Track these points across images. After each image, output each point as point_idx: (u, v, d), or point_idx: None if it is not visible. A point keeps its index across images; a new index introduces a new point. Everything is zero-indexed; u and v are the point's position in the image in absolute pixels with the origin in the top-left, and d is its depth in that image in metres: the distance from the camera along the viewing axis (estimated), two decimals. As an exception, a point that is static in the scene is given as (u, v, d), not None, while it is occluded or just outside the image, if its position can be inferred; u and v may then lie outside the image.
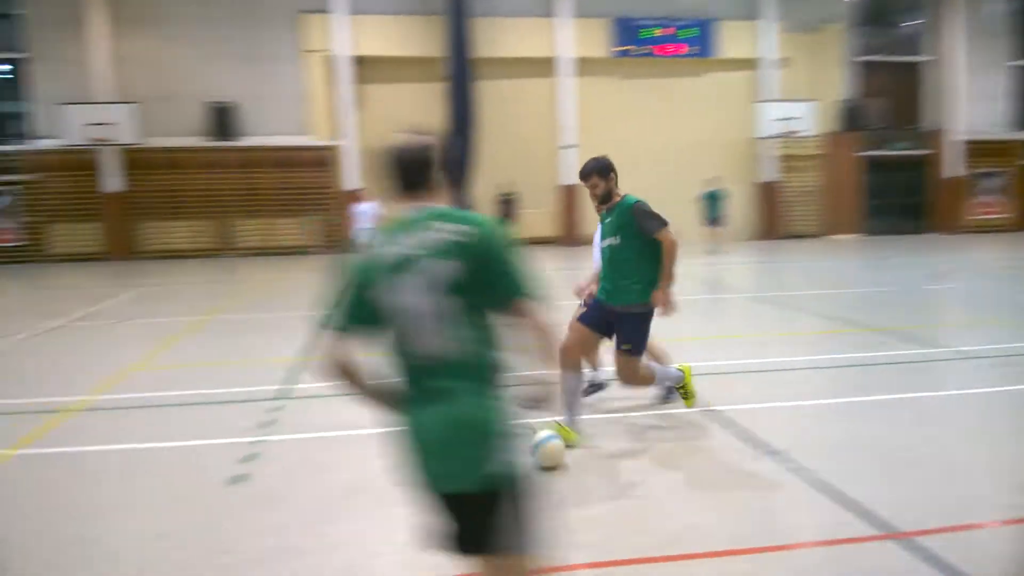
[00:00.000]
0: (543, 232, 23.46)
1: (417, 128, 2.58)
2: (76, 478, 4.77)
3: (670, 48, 23.54)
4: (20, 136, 21.63)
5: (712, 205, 20.20)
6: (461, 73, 22.11)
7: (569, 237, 23.22)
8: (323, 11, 21.82)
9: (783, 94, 24.02)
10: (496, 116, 23.01)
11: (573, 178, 22.72)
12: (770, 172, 24.60)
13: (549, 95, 23.34)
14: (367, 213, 15.27)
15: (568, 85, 22.95)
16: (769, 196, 24.60)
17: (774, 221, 24.60)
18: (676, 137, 24.04)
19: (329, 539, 3.80)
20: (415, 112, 22.96)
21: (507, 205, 22.24)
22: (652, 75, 23.93)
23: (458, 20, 21.78)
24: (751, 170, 24.71)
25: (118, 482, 4.73)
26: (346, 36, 21.78)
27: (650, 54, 23.44)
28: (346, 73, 21.88)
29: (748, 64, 24.35)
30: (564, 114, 22.99)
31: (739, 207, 24.57)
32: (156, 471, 4.82)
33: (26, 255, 21.33)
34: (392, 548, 3.67)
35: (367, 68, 22.59)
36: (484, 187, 23.27)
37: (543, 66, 23.17)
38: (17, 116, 21.78)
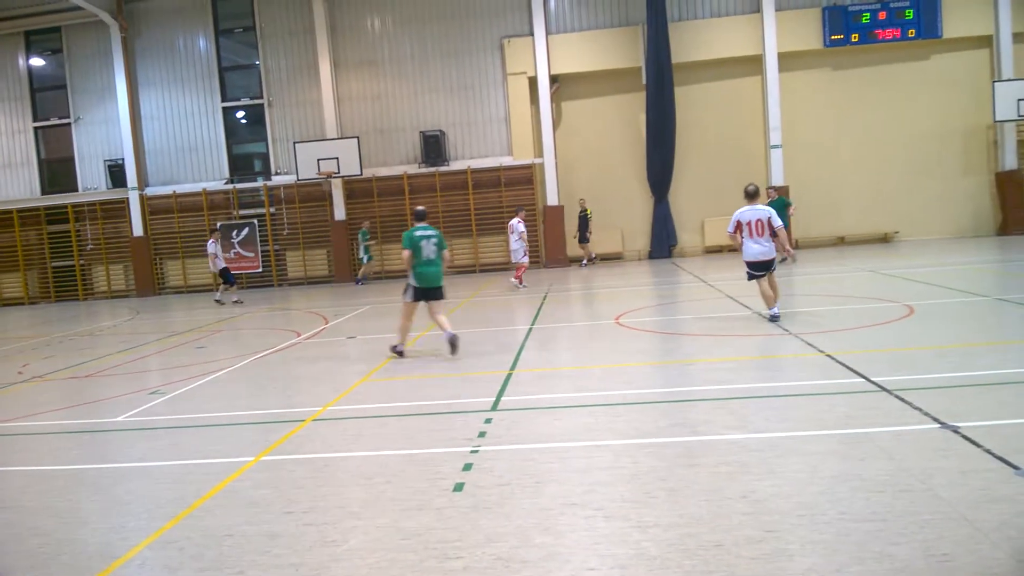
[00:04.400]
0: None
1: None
2: (318, 481, 5.14)
3: (887, 32, 21.69)
4: (260, 173, 24.26)
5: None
6: (660, 80, 21.84)
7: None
8: (525, 35, 22.52)
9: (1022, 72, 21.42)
10: (697, 120, 22.49)
11: (782, 179, 21.61)
12: (1011, 159, 21.88)
13: (753, 94, 22.39)
14: (517, 228, 17.45)
15: (774, 82, 21.83)
16: (1010, 186, 21.85)
17: (1016, 214, 21.78)
18: (896, 128, 22.19)
19: (546, 551, 3.78)
20: (613, 124, 23.10)
21: (583, 222, 21.61)
22: (867, 63, 22.23)
23: (656, 28, 21.58)
24: (988, 158, 22.15)
25: (356, 486, 5.04)
26: (545, 56, 22.29)
27: (868, 40, 21.70)
28: (545, 92, 22.37)
29: (980, 42, 21.91)
30: (771, 113, 21.87)
31: (974, 200, 22.19)
32: (389, 476, 5.08)
33: (266, 279, 23.84)
34: (608, 564, 3.59)
35: (566, 85, 23.00)
36: (690, 193, 22.81)
37: (746, 65, 22.32)
38: (258, 155, 24.47)
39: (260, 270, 23.75)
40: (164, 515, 4.68)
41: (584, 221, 21.81)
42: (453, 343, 9.17)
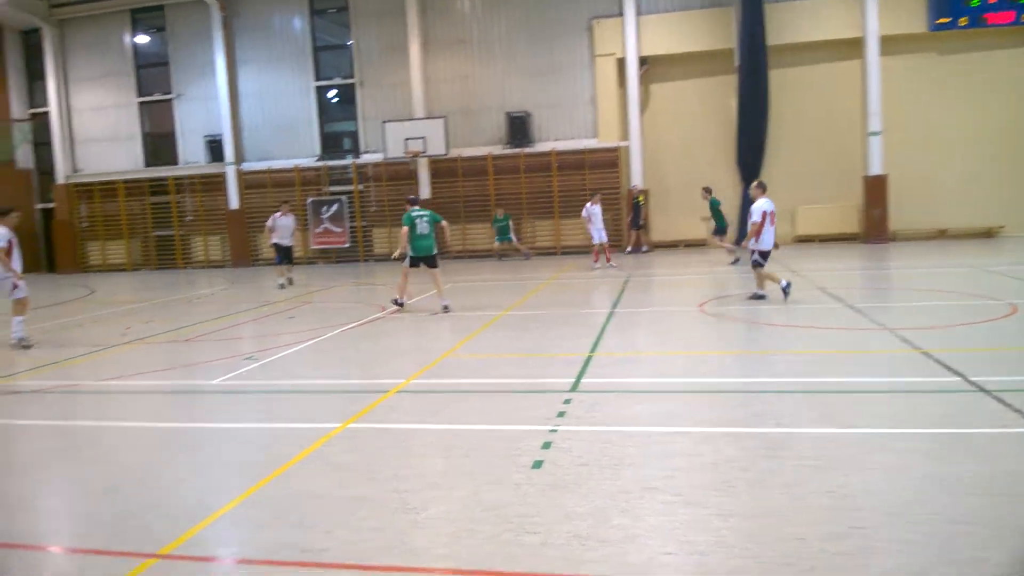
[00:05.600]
0: (845, 228, 21.73)
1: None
2: (400, 451, 5.29)
3: (999, 16, 20.40)
4: (350, 151, 24.82)
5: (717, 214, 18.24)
6: (753, 63, 21.24)
7: (876, 233, 21.08)
8: (614, 15, 22.22)
9: None
10: (791, 105, 21.78)
11: (881, 167, 20.78)
12: None
13: (852, 79, 21.49)
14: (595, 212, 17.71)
15: (874, 66, 20.86)
16: None
17: None
18: (1004, 118, 20.96)
19: (624, 532, 3.79)
20: (702, 108, 22.60)
21: (636, 209, 21.02)
22: (975, 48, 20.98)
23: (751, 8, 20.95)
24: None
25: (436, 457, 5.17)
26: (634, 37, 21.95)
27: (977, 24, 20.48)
28: (634, 74, 22.05)
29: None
30: (871, 98, 20.92)
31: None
32: (468, 450, 5.18)
33: (353, 255, 24.46)
34: (686, 549, 3.58)
35: (654, 67, 22.62)
36: (781, 180, 22.17)
37: (845, 48, 21.40)
38: (347, 134, 25.03)
39: (347, 245, 24.36)
40: (255, 474, 4.91)
41: (637, 208, 21.43)
42: (447, 309, 11.82)
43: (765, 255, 11.38)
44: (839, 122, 21.70)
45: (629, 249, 21.65)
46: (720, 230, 18.29)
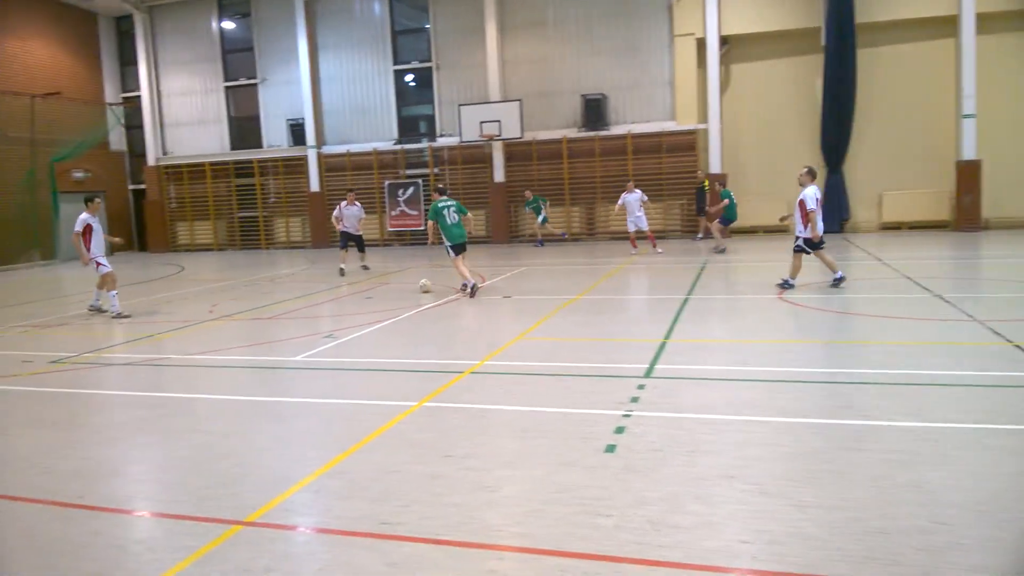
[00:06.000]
0: (934, 215, 20.84)
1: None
2: (475, 430, 5.37)
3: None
4: (425, 134, 25.08)
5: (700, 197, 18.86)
6: (841, 42, 20.49)
7: (968, 220, 20.11)
8: (697, -6, 21.76)
9: None
10: (880, 86, 20.94)
11: (974, 152, 19.84)
12: None
13: (945, 58, 20.51)
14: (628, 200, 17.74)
15: (969, 45, 19.79)
16: None
17: None
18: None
19: (699, 519, 3.76)
20: (784, 89, 21.95)
21: (700, 195, 20.33)
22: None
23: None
24: None
25: (510, 438, 5.23)
26: (715, 16, 21.42)
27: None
28: (714, 54, 21.54)
29: None
30: (965, 79, 19.89)
31: None
32: (542, 432, 5.22)
33: (427, 237, 24.71)
34: (763, 539, 3.53)
35: (735, 47, 22.07)
36: (868, 164, 21.38)
37: (939, 26, 20.42)
38: (424, 117, 25.29)
39: (423, 228, 24.69)
40: (336, 448, 5.07)
41: (702, 194, 20.86)
42: (473, 290, 12.12)
43: (812, 242, 11.16)
44: (930, 104, 20.76)
45: (699, 236, 21.25)
46: (727, 221, 18.42)
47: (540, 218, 21.85)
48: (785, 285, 11.23)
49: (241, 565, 3.52)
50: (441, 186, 13.37)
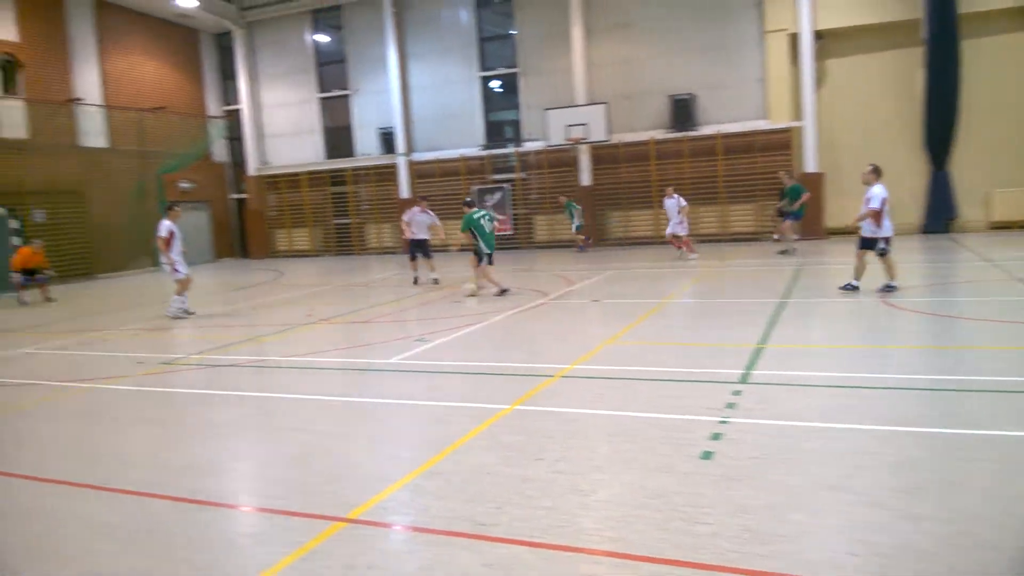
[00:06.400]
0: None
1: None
2: (566, 434, 5.39)
3: None
4: (511, 140, 25.28)
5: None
6: (943, 33, 19.53)
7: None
8: (788, -11, 21.17)
9: None
10: (986, 78, 19.83)
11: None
12: None
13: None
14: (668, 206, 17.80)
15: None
16: None
17: None
18: None
19: (801, 529, 3.68)
20: (883, 84, 21.10)
21: (783, 196, 19.22)
22: None
23: (942, -26, 19.27)
24: None
25: (602, 443, 5.22)
26: (808, 10, 20.75)
27: None
28: (808, 50, 20.87)
29: None
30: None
31: None
32: (634, 437, 5.20)
33: (516, 242, 24.92)
34: (869, 550, 3.41)
35: (829, 42, 21.34)
36: (975, 161, 20.31)
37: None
38: (509, 123, 25.49)
39: (511, 233, 24.88)
40: (431, 449, 5.18)
41: (781, 196, 20.01)
42: (503, 291, 13.01)
43: (867, 241, 10.93)
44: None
45: (795, 238, 20.48)
46: (796, 216, 17.92)
47: (574, 225, 21.80)
48: (887, 288, 10.79)
49: (345, 561, 3.65)
50: (469, 199, 14.43)
